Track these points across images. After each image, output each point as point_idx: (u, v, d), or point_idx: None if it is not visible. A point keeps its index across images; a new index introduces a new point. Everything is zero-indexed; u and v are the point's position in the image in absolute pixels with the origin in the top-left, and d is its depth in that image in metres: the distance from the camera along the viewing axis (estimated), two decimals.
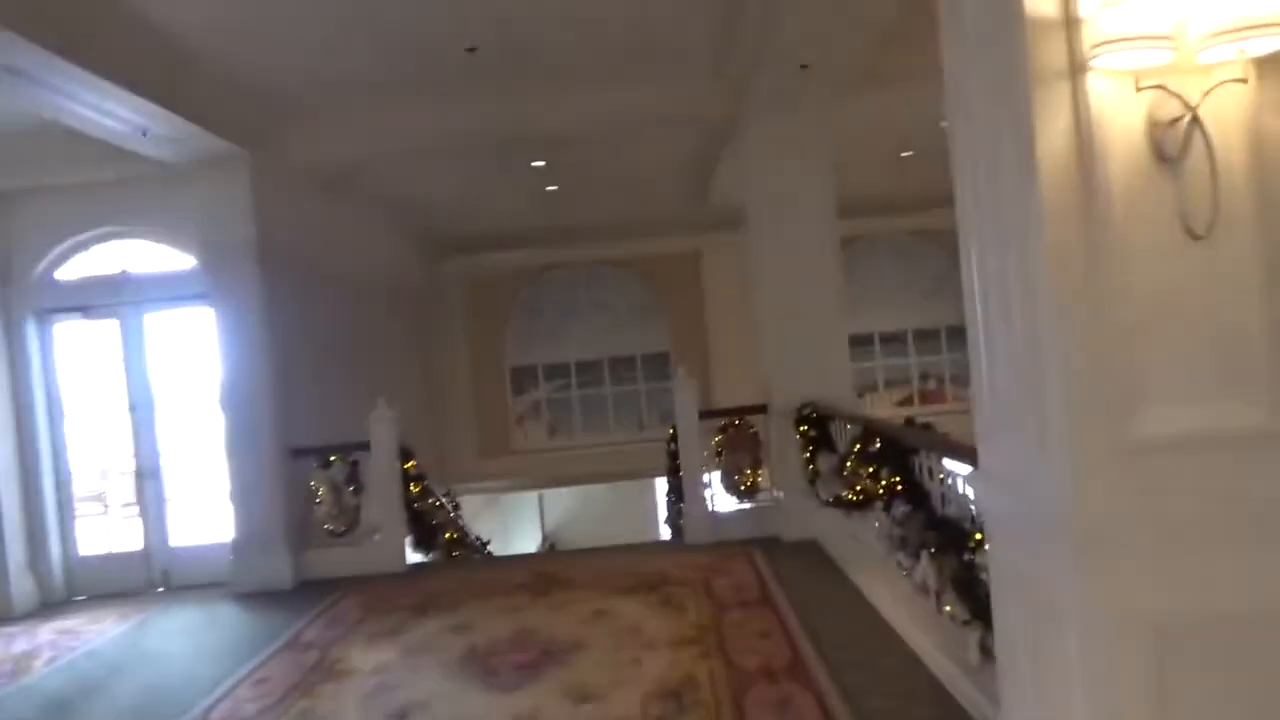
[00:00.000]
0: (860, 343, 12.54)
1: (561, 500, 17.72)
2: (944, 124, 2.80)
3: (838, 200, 7.42)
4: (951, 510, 3.97)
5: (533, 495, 17.17)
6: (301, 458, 7.40)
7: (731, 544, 7.13)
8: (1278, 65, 2.16)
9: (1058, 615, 2.31)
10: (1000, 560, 2.69)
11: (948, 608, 3.56)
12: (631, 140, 9.05)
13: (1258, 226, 2.17)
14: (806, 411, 6.74)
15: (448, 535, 8.23)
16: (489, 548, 9.83)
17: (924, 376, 13.44)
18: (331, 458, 7.44)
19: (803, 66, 6.25)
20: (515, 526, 16.94)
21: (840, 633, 4.93)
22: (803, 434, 6.71)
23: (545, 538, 17.52)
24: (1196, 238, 2.16)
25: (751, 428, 7.45)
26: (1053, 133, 2.21)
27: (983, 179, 2.56)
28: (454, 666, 4.93)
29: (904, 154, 10.30)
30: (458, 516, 8.93)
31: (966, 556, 3.37)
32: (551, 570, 6.92)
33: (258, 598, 6.98)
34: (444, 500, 8.62)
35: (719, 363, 12.98)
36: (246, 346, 7.18)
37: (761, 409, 7.40)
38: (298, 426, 7.44)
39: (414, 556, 7.78)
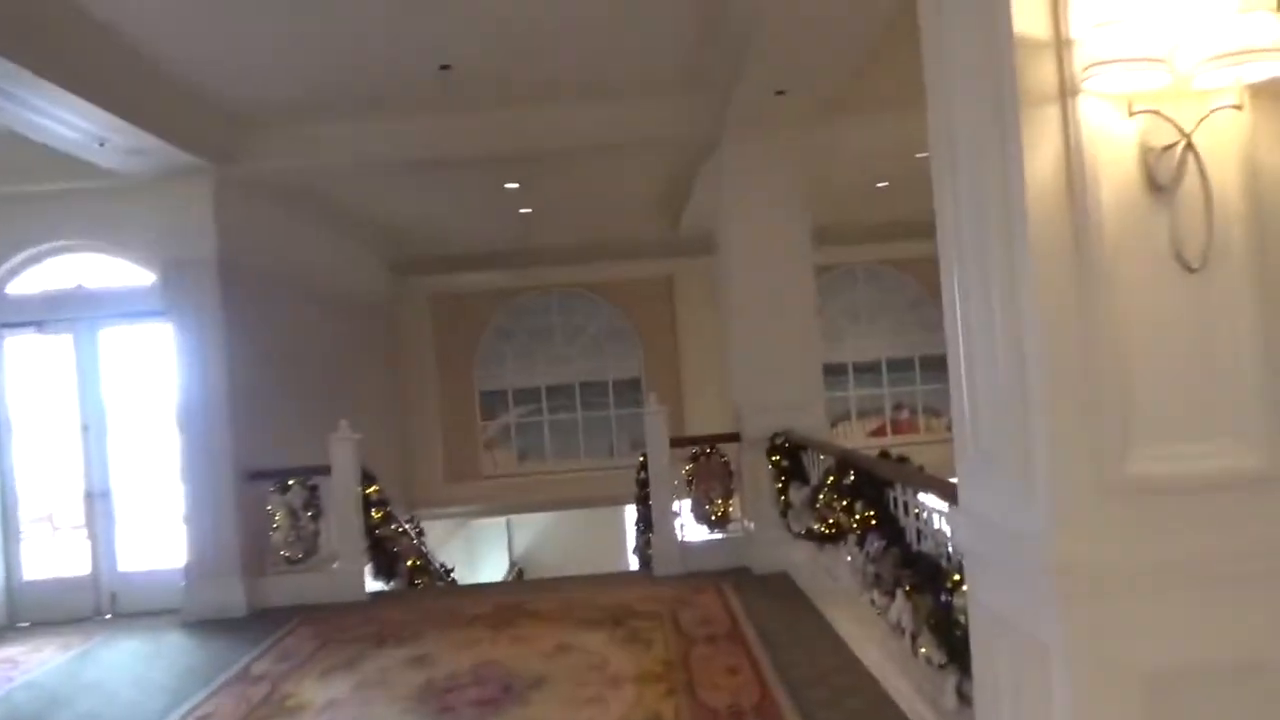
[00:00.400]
0: (834, 372, 12.48)
1: (530, 527, 17.45)
2: (920, 155, 2.71)
3: (813, 228, 7.36)
4: (928, 547, 3.86)
5: (501, 522, 16.90)
6: (258, 481, 7.16)
7: (701, 575, 6.97)
8: (1274, 93, 2.08)
9: (1042, 663, 2.19)
10: (981, 603, 2.56)
11: (923, 650, 3.43)
12: (606, 163, 8.95)
13: (1253, 259, 2.08)
14: (779, 441, 6.62)
15: (410, 563, 8.01)
16: (453, 576, 9.59)
17: (897, 407, 13.39)
18: (290, 481, 7.21)
19: (779, 93, 6.19)
20: (482, 553, 16.65)
21: (810, 670, 4.79)
22: (775, 464, 6.59)
23: (513, 565, 17.23)
24: (1190, 270, 2.06)
25: (723, 457, 7.32)
26: (1042, 158, 2.11)
27: (966, 207, 2.46)
28: (409, 703, 4.72)
29: (880, 184, 10.31)
30: (421, 543, 8.70)
31: (944, 597, 3.25)
32: (515, 601, 6.72)
33: (209, 626, 6.71)
34: (407, 527, 8.40)
35: (692, 389, 12.85)
36: (204, 365, 6.96)
37: (734, 437, 7.28)
38: (256, 448, 7.21)
39: (374, 585, 7.55)
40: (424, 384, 13.11)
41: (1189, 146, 2.05)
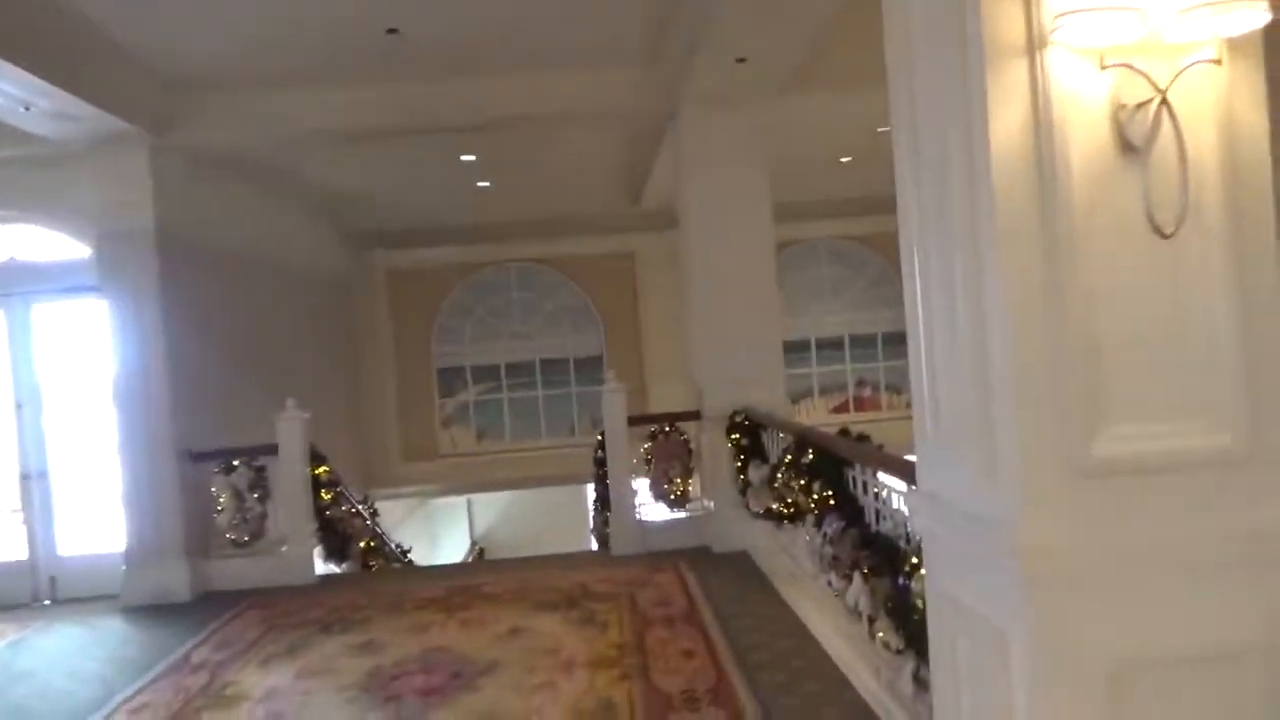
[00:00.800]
0: (797, 349, 12.40)
1: (492, 506, 17.26)
2: (883, 130, 2.57)
3: (776, 204, 7.21)
4: (887, 528, 3.75)
5: (461, 501, 16.69)
6: (202, 461, 6.91)
7: (659, 555, 6.85)
8: (1253, 46, 1.96)
9: (1003, 651, 2.07)
10: (939, 589, 2.44)
11: (880, 634, 3.32)
12: (565, 135, 8.73)
13: (1229, 225, 1.96)
14: (739, 419, 6.50)
15: (363, 545, 7.80)
16: (410, 557, 9.40)
17: (860, 383, 13.35)
18: (235, 462, 6.96)
19: (739, 60, 6.01)
20: (443, 532, 16.44)
21: (768, 652, 4.68)
22: (734, 442, 6.47)
23: (474, 544, 17.05)
24: (1163, 236, 1.94)
25: (683, 435, 7.19)
26: (1008, 117, 1.97)
27: (928, 172, 2.31)
28: (353, 692, 4.55)
29: (843, 159, 10.18)
30: (375, 524, 8.49)
31: (901, 581, 3.14)
32: (470, 583, 6.56)
33: (150, 612, 6.47)
34: (360, 507, 8.19)
35: (654, 367, 12.72)
36: (142, 341, 6.66)
37: (694, 415, 7.14)
38: (199, 428, 6.95)
39: (325, 568, 7.34)
40: (381, 361, 12.85)
41: (1164, 104, 1.92)
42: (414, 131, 7.67)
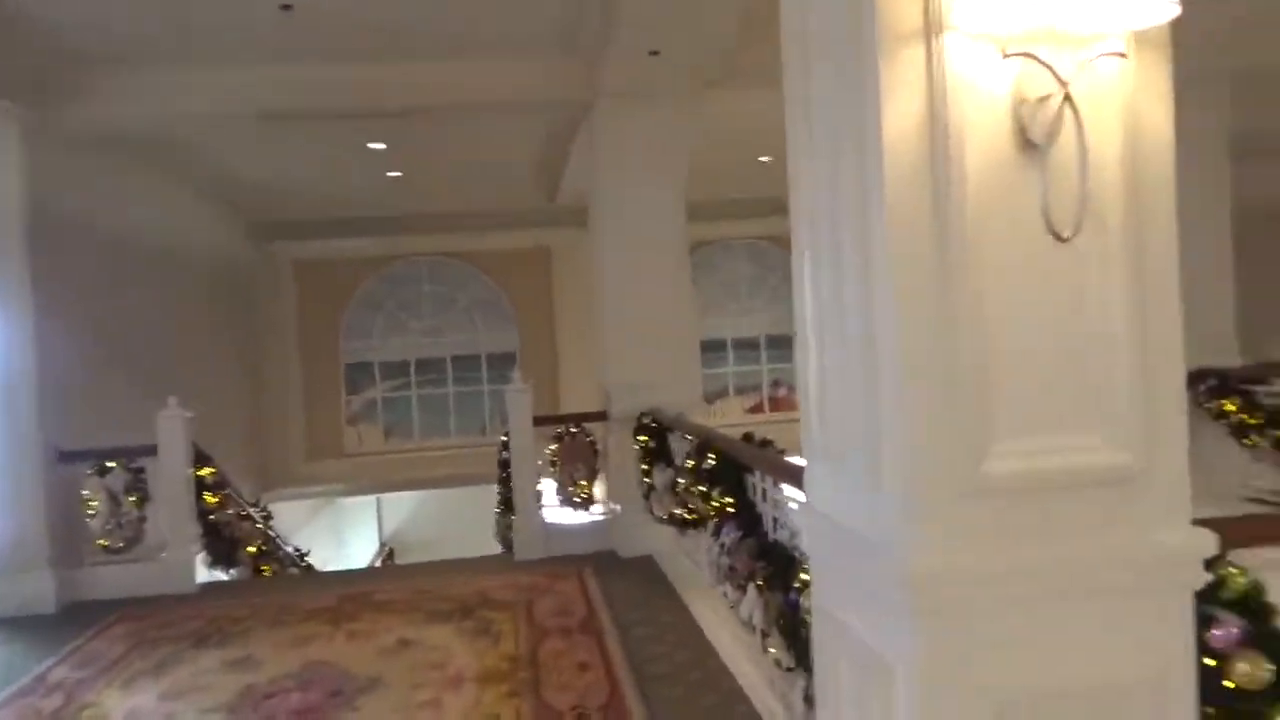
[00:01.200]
0: (714, 348, 12.32)
1: (403, 505, 16.76)
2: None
3: (693, 202, 7.06)
4: (783, 537, 3.61)
5: (371, 500, 16.17)
6: (72, 462, 6.43)
7: (564, 560, 6.64)
8: (1161, 40, 1.84)
9: (886, 680, 1.91)
10: (823, 608, 2.29)
11: (772, 650, 3.18)
12: (477, 126, 8.44)
13: (1130, 229, 1.83)
14: (646, 420, 6.33)
15: (252, 549, 7.40)
16: (308, 561, 8.99)
17: (775, 383, 13.35)
18: (109, 463, 6.50)
19: (653, 53, 5.84)
20: (351, 534, 15.92)
21: (666, 663, 4.52)
22: (641, 445, 6.30)
23: (383, 545, 16.54)
24: (1060, 239, 1.80)
25: (589, 436, 6.99)
26: (901, 107, 1.81)
27: (820, 167, 2.16)
28: (219, 715, 4.22)
29: (763, 158, 10.10)
30: (268, 527, 8.07)
31: (792, 596, 2.99)
32: (362, 590, 6.24)
33: (11, 625, 5.96)
34: (251, 510, 7.77)
35: (569, 366, 12.49)
36: (6, 333, 6.16)
37: (601, 416, 6.95)
38: (71, 427, 6.47)
39: (210, 575, 6.93)
40: (284, 356, 12.33)
41: (1067, 98, 1.78)
42: (313, 116, 7.30)
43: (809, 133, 2.20)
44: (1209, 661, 2.04)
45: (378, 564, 14.92)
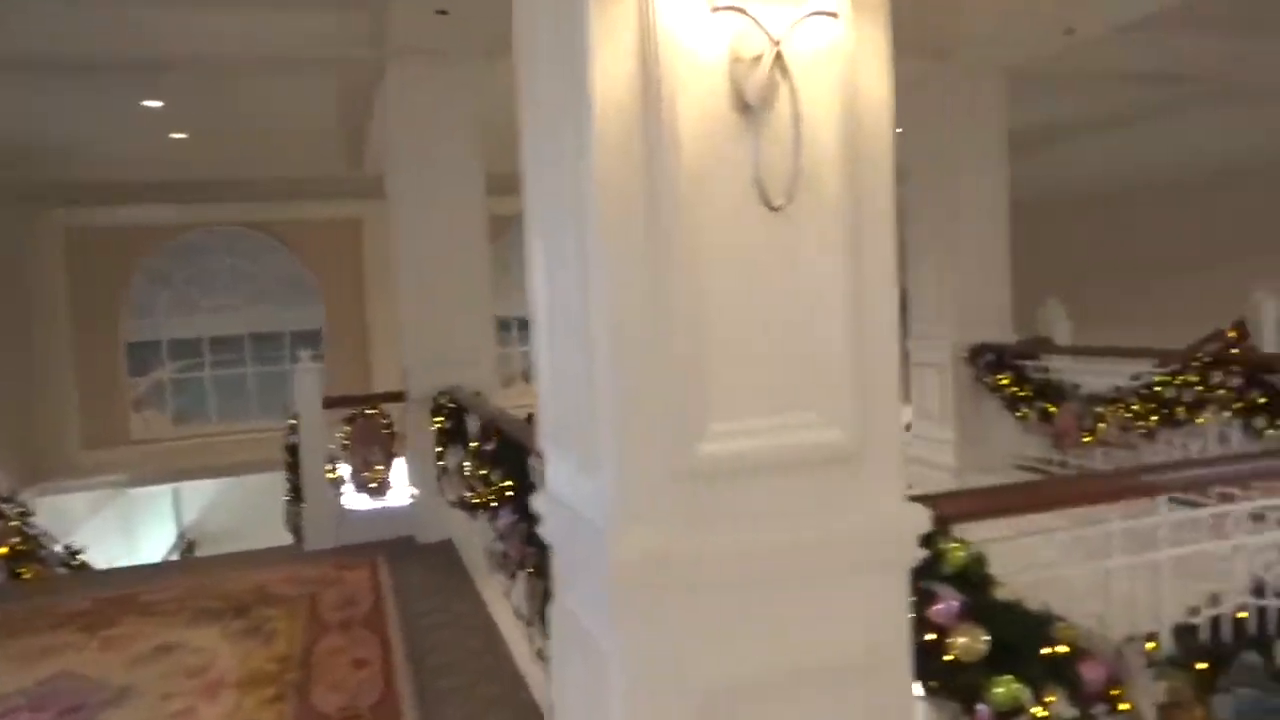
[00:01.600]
0: (519, 326, 12.10)
1: (204, 493, 15.63)
2: None
3: (499, 175, 6.77)
4: None
5: (167, 490, 15.02)
6: None
7: (358, 549, 6.31)
8: (878, 3, 1.79)
9: (602, 671, 1.81)
10: (559, 600, 2.17)
11: (538, 644, 3.05)
12: (269, 84, 7.86)
13: (844, 200, 1.78)
14: (443, 401, 6.07)
15: (3, 550, 6.64)
16: (82, 559, 8.18)
17: None
18: None
19: (440, 12, 5.55)
20: (144, 527, 14.72)
21: (450, 654, 4.34)
22: (438, 426, 6.04)
23: (182, 536, 15.41)
24: (772, 209, 1.73)
25: (386, 418, 6.67)
26: (612, 64, 1.68)
27: (542, 140, 2.02)
28: None
29: None
30: (26, 524, 7.28)
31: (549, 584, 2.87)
32: (127, 592, 5.71)
33: None
34: (4, 507, 6.99)
35: (381, 344, 11.95)
36: None
37: (399, 397, 6.64)
38: None
39: None
40: (54, 335, 11.17)
41: (779, 58, 1.70)
42: (72, 65, 6.56)
43: (534, 100, 2.05)
44: (930, 636, 2.07)
45: (174, 557, 13.89)
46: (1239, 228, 9.68)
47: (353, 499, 6.71)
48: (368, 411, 6.66)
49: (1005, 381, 7.09)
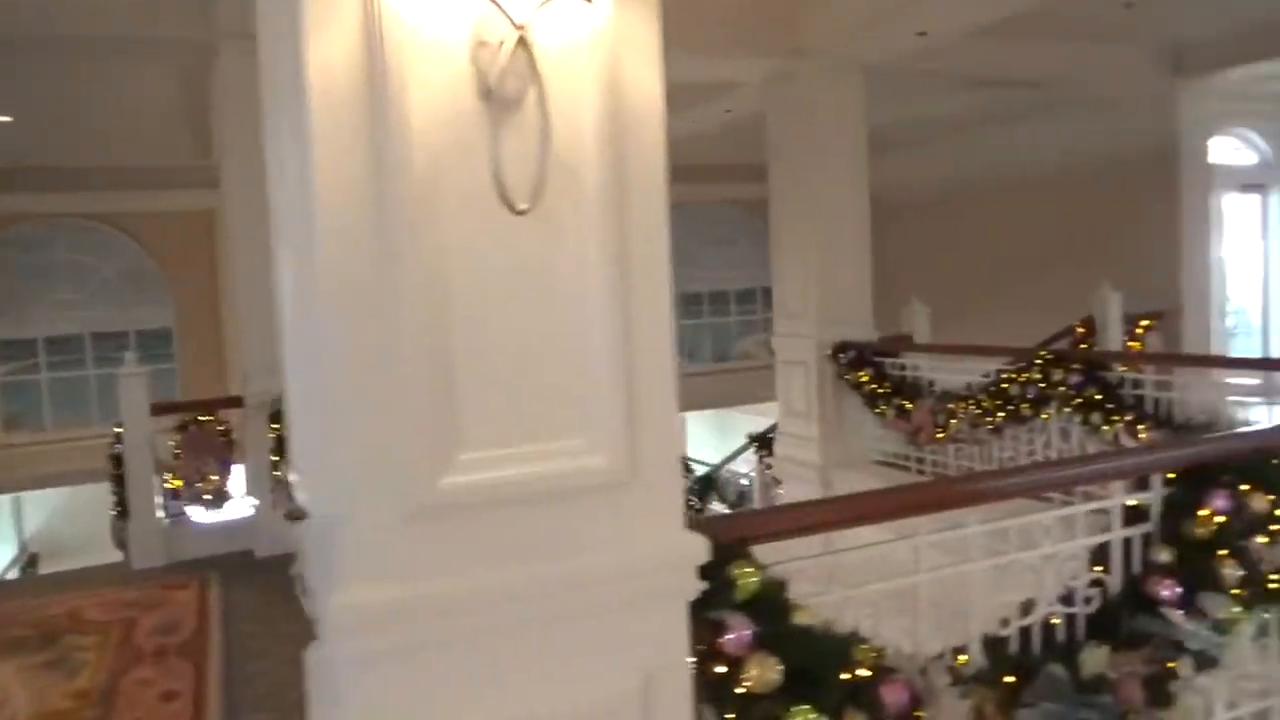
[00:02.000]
0: None
1: (50, 500, 14.61)
2: None
3: None
4: None
5: (5, 498, 13.94)
6: None
7: (191, 565, 5.89)
8: None
9: None
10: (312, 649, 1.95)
11: None
12: (100, 66, 7.31)
13: (608, 204, 1.62)
14: (280, 407, 5.71)
15: None
16: None
17: None
18: None
19: None
20: None
21: (269, 681, 4.06)
22: (275, 434, 5.68)
23: (24, 549, 14.35)
24: (518, 212, 1.55)
25: (221, 425, 6.25)
26: (333, 50, 1.47)
27: (274, 135, 1.80)
28: None
29: None
30: None
31: None
32: None
33: None
34: None
35: (236, 344, 11.31)
36: None
37: (237, 402, 6.23)
38: None
39: None
40: None
41: (522, 42, 1.52)
42: None
43: (270, 88, 1.82)
44: (722, 669, 1.94)
45: (13, 574, 12.91)
46: (1089, 227, 10.08)
47: (191, 511, 6.27)
48: (201, 419, 6.22)
49: (865, 379, 7.15)
